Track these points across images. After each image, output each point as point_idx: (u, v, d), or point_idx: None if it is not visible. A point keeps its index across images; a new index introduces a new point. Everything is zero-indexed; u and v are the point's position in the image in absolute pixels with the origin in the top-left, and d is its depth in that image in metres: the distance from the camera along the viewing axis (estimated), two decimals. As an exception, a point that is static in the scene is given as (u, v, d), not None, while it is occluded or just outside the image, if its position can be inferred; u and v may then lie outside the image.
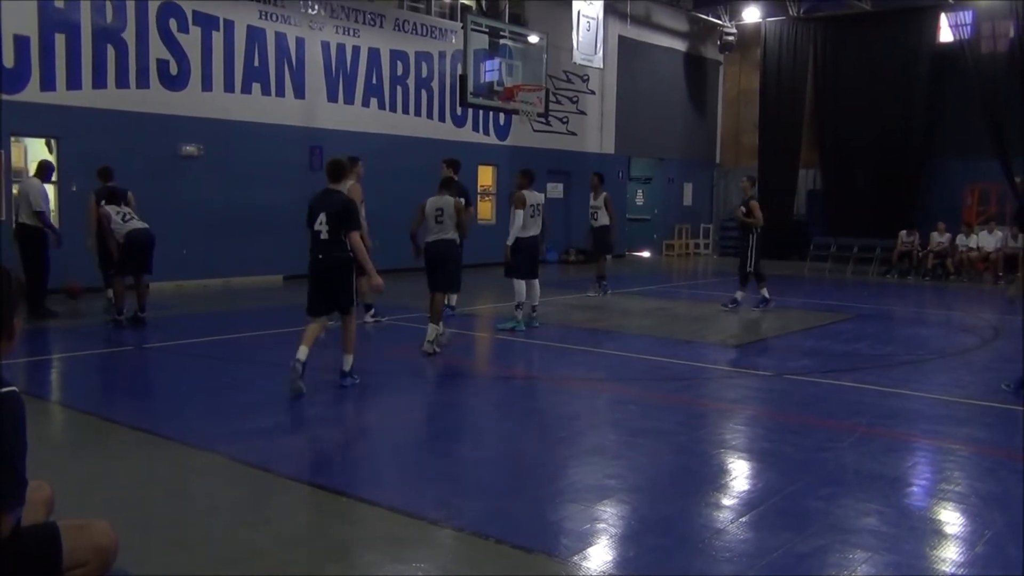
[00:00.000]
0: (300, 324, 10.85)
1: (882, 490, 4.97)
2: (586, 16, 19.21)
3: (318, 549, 4.00)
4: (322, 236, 7.16)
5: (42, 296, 10.55)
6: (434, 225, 9.16)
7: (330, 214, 7.15)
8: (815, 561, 3.95)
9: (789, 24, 23.97)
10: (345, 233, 7.12)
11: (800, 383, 8.03)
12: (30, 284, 10.21)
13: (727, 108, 26.70)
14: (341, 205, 7.22)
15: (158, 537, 4.08)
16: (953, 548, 4.19)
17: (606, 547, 4.11)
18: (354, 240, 7.13)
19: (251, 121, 15.13)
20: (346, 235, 7.12)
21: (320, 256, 7.19)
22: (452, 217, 9.11)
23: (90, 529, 2.68)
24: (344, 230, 7.11)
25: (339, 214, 7.15)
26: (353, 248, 7.15)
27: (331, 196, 7.32)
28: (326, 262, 7.17)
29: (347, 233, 7.12)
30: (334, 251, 7.16)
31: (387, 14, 17.40)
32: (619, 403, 7.40)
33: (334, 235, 7.13)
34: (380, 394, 7.47)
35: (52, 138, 13.02)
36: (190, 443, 5.64)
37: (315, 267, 7.26)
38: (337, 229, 7.12)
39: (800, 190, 24.41)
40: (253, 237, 15.05)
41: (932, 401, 7.46)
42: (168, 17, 13.99)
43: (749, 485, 5.18)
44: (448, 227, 9.12)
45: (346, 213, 7.17)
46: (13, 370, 7.36)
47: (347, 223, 7.12)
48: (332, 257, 7.16)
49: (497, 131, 19.98)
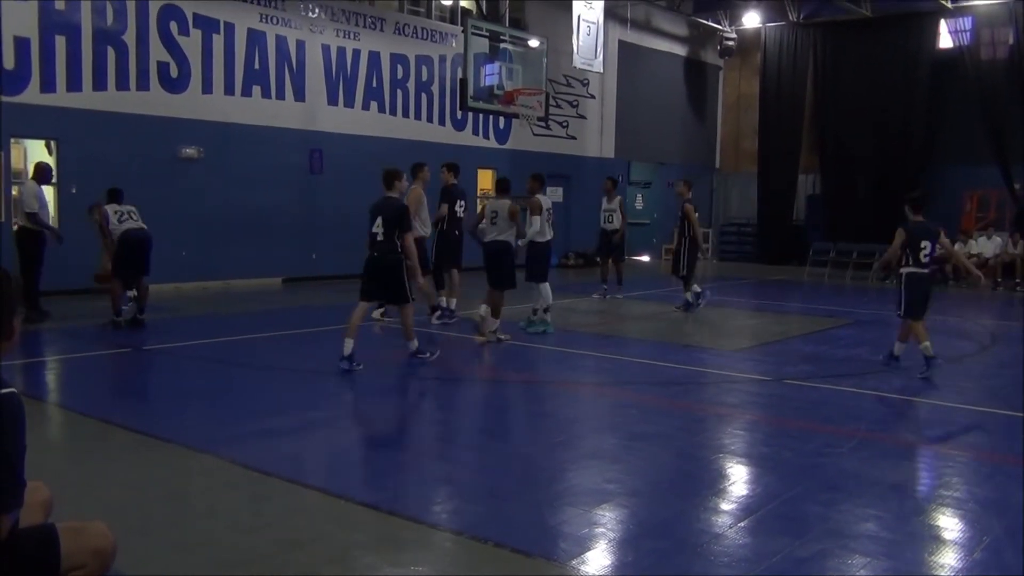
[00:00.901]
0: (300, 327, 10.91)
1: (881, 495, 4.97)
2: (586, 20, 19.22)
3: (317, 552, 4.00)
4: (378, 237, 8.14)
5: (36, 298, 10.57)
6: (489, 227, 9.87)
7: (385, 218, 8.09)
8: (814, 566, 3.94)
9: (789, 29, 24.00)
10: (399, 235, 8.05)
11: (799, 388, 8.03)
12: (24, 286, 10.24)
13: (727, 113, 26.71)
14: (395, 210, 8.17)
15: (157, 539, 4.08)
16: (951, 554, 4.19)
17: (605, 551, 4.11)
18: (406, 241, 8.10)
19: (251, 124, 15.13)
20: (399, 237, 8.05)
21: (375, 254, 8.20)
22: (507, 219, 9.84)
23: (88, 531, 2.68)
24: (398, 232, 8.05)
25: (393, 218, 8.09)
26: (404, 249, 8.10)
27: (388, 201, 8.27)
28: (379, 260, 8.16)
29: (400, 235, 8.06)
30: (387, 251, 8.11)
31: (387, 18, 17.42)
32: (618, 407, 7.40)
33: (388, 236, 8.07)
34: (377, 398, 7.48)
35: (52, 140, 13.02)
36: (189, 445, 5.64)
37: (369, 263, 8.27)
38: (391, 231, 8.06)
39: (799, 195, 24.41)
40: (252, 239, 15.05)
41: (931, 407, 7.47)
42: (169, 19, 14.00)
43: (748, 490, 5.18)
44: (503, 228, 9.84)
45: (399, 217, 8.11)
46: (11, 371, 7.36)
47: (400, 226, 8.08)
48: (385, 256, 8.12)
49: (497, 135, 19.99)
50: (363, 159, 16.53)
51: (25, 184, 10.84)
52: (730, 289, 17.68)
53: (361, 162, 16.51)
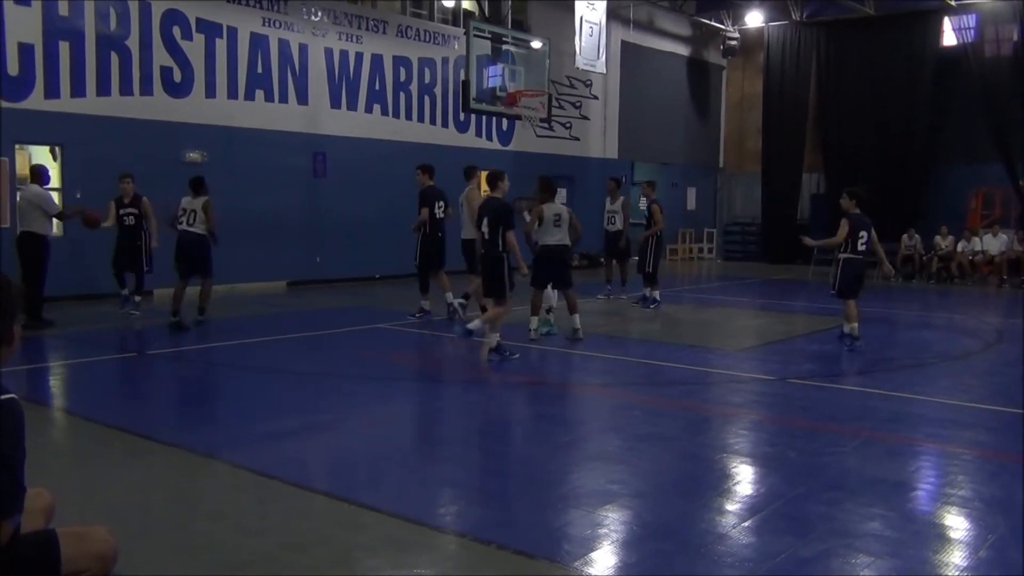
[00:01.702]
0: (304, 330, 10.92)
1: (885, 494, 4.95)
2: (589, 21, 19.21)
3: (320, 555, 4.00)
4: (486, 235, 8.87)
5: (39, 306, 10.52)
6: (553, 229, 9.99)
7: (490, 219, 8.80)
8: (818, 566, 3.93)
9: (792, 28, 23.98)
10: (502, 232, 8.72)
11: (804, 387, 8.01)
12: (28, 293, 10.23)
13: (730, 112, 26.69)
14: (497, 210, 8.84)
15: (160, 542, 4.08)
16: (957, 552, 4.17)
17: (609, 552, 4.10)
18: (507, 238, 8.74)
19: (255, 128, 15.15)
20: (503, 235, 8.72)
21: (483, 252, 9.00)
22: (567, 222, 10.07)
23: (89, 536, 2.68)
24: (501, 230, 8.72)
25: (496, 218, 8.79)
26: (506, 245, 8.75)
27: (491, 202, 8.98)
28: (485, 257, 8.97)
29: (503, 232, 8.72)
30: (492, 248, 8.83)
31: (390, 20, 17.44)
32: (622, 408, 7.39)
33: (493, 234, 8.80)
34: (381, 400, 7.48)
35: (56, 145, 13.06)
36: (193, 449, 5.65)
37: (482, 260, 9.08)
38: (495, 229, 8.77)
39: (804, 194, 24.39)
40: (257, 243, 15.06)
41: (936, 405, 7.44)
42: (172, 24, 14.03)
43: (752, 490, 5.16)
44: (565, 232, 10.06)
45: (501, 216, 8.80)
46: (14, 376, 7.39)
47: (503, 223, 8.76)
48: (490, 253, 8.86)
49: (500, 137, 20.00)
50: (366, 162, 16.57)
51: (29, 188, 10.70)
52: (734, 289, 17.65)
53: (364, 165, 16.55)
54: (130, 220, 11.57)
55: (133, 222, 11.58)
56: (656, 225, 13.35)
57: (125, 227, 11.57)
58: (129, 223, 11.57)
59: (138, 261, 11.67)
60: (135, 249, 11.61)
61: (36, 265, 10.44)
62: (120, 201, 11.56)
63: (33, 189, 10.66)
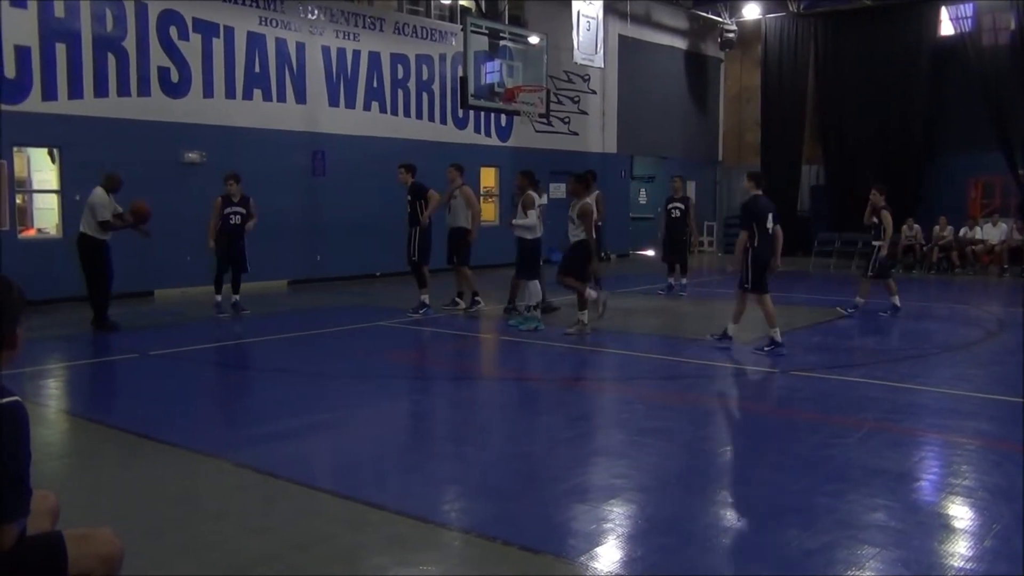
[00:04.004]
0: (306, 329, 10.91)
1: (889, 485, 4.96)
2: (586, 16, 19.19)
3: (325, 553, 4.00)
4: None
5: (105, 308, 10.53)
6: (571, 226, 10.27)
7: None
8: (823, 557, 3.94)
9: (789, 20, 23.93)
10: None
11: (806, 379, 8.01)
12: (94, 295, 10.50)
13: (729, 105, 26.65)
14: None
15: (165, 542, 4.09)
16: (962, 542, 4.18)
17: (613, 547, 4.11)
18: (742, 236, 9.23)
19: (253, 127, 15.14)
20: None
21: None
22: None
23: (94, 537, 2.68)
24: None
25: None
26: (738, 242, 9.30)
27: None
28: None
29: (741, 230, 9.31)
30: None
31: (387, 17, 17.41)
32: (625, 402, 7.39)
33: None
34: (384, 397, 7.48)
35: (55, 148, 13.05)
36: (197, 449, 5.65)
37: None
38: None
39: (803, 186, 24.36)
40: (257, 242, 15.00)
41: (939, 395, 7.44)
42: (168, 25, 14.01)
43: (756, 482, 5.17)
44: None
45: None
46: (17, 379, 7.39)
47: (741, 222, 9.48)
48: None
49: (499, 132, 19.98)
50: (365, 160, 16.55)
51: (95, 192, 10.63)
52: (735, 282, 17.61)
53: (364, 163, 16.53)
54: (236, 219, 11.68)
55: (239, 221, 11.69)
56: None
57: (231, 226, 11.67)
58: (235, 222, 11.68)
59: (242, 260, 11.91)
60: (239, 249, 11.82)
61: (93, 267, 10.50)
62: (228, 200, 11.66)
63: (98, 193, 10.60)
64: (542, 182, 20.84)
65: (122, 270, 11.89)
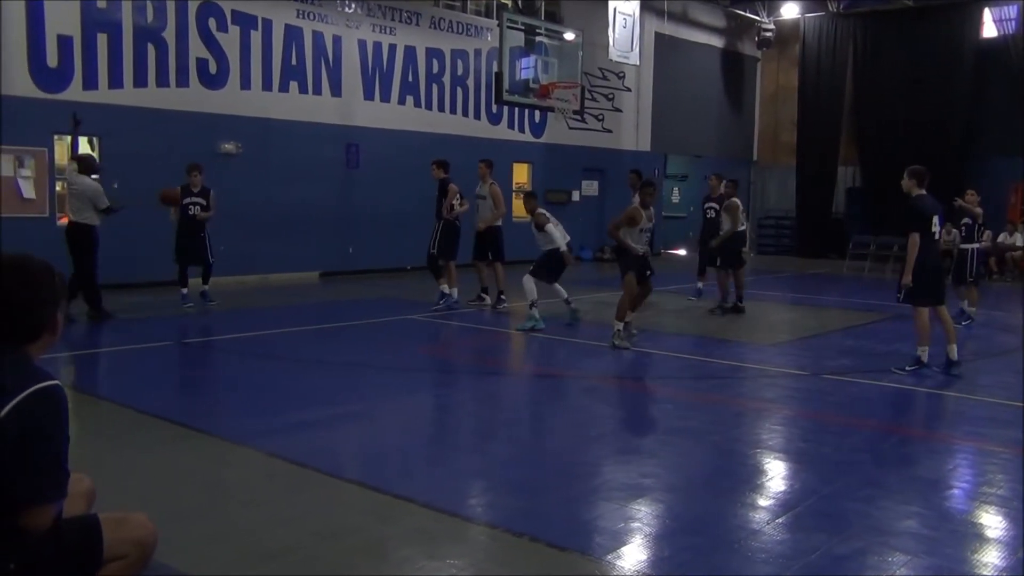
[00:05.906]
0: (336, 320, 10.98)
1: (922, 492, 4.89)
2: (622, 13, 19.11)
3: (353, 544, 4.03)
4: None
5: (99, 296, 10.49)
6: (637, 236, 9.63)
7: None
8: (853, 563, 3.90)
9: (828, 20, 23.66)
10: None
11: (839, 383, 7.92)
12: (85, 284, 10.35)
13: (765, 105, 26.40)
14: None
15: (195, 530, 4.13)
16: (994, 552, 4.11)
17: (640, 546, 4.09)
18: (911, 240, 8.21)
19: (289, 119, 15.25)
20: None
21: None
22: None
23: (130, 522, 2.71)
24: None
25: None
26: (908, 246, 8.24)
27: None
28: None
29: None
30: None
31: (423, 12, 17.45)
32: (654, 402, 7.36)
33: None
34: (412, 390, 7.51)
35: (95, 136, 13.23)
36: (227, 438, 5.71)
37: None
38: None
39: (839, 187, 24.08)
40: (290, 234, 15.18)
41: (974, 403, 7.33)
42: (207, 16, 14.15)
43: (786, 485, 5.12)
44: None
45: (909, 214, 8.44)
46: (55, 363, 7.51)
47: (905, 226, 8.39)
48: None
49: (532, 128, 19.96)
50: (399, 153, 16.60)
51: (79, 180, 10.53)
52: (768, 283, 17.49)
53: (397, 156, 16.59)
54: (195, 210, 11.53)
55: (198, 211, 11.55)
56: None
57: (189, 217, 11.52)
58: (193, 213, 11.52)
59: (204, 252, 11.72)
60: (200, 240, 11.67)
61: (86, 256, 10.37)
62: (188, 190, 11.54)
63: (84, 182, 10.50)
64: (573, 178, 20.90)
65: (155, 259, 12.07)
